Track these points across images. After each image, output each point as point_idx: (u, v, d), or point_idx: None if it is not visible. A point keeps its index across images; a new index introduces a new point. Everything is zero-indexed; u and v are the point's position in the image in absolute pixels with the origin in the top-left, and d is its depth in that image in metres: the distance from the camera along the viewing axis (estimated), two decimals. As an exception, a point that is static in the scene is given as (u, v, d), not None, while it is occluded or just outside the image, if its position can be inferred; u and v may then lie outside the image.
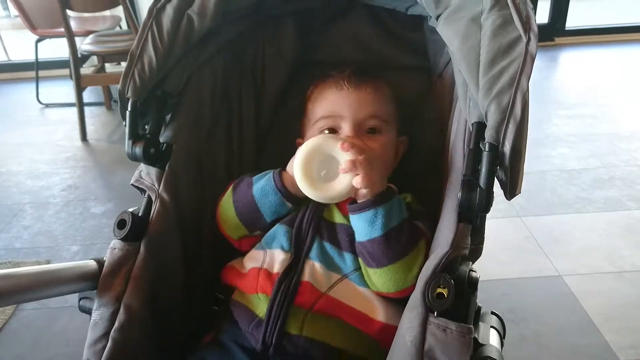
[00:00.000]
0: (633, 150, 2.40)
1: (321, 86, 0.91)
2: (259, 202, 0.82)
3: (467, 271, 0.64)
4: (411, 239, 0.74)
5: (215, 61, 0.93)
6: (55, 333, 1.56)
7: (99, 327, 0.73)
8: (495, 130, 0.62)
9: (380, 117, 0.87)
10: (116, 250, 0.76)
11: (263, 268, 0.79)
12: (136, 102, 0.79)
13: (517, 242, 1.84)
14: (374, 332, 0.76)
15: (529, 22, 0.64)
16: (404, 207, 0.77)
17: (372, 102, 0.87)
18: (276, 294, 0.75)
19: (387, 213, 0.73)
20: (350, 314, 0.76)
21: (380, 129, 0.87)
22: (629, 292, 1.60)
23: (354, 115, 0.85)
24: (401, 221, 0.74)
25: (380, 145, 0.85)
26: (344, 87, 0.87)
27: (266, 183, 0.82)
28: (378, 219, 0.73)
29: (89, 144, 2.84)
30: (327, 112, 0.87)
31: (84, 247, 1.96)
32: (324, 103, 0.89)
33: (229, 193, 0.86)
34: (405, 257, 0.73)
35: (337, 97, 0.87)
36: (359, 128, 0.85)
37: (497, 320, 0.73)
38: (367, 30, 1.01)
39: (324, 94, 0.90)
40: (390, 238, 0.73)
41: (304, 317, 0.74)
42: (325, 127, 0.87)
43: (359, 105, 0.86)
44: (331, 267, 0.78)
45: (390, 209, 0.74)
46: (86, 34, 3.00)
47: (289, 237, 0.80)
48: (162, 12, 0.82)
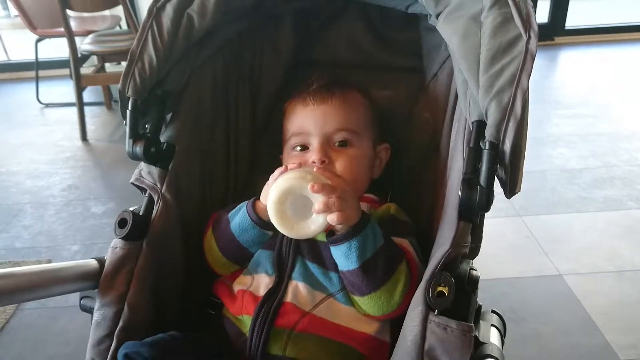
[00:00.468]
0: (633, 149, 2.40)
1: (292, 102, 0.91)
2: (240, 238, 0.81)
3: (468, 270, 0.64)
4: (389, 265, 0.73)
5: (215, 61, 0.93)
6: (56, 333, 1.56)
7: (102, 327, 0.73)
8: (495, 128, 0.62)
9: (349, 130, 0.86)
10: (118, 249, 0.76)
11: (248, 290, 0.79)
12: (137, 102, 0.80)
13: (518, 242, 1.84)
14: (362, 347, 0.75)
15: (529, 20, 0.64)
16: (379, 234, 0.74)
17: (338, 115, 0.86)
18: (257, 315, 0.74)
19: (361, 245, 0.71)
20: (336, 330, 0.75)
21: (351, 141, 0.86)
22: (629, 291, 1.60)
23: (320, 130, 0.85)
24: (376, 251, 0.72)
25: (351, 158, 0.85)
26: (309, 102, 0.87)
27: (242, 219, 0.80)
28: (352, 252, 0.72)
29: (89, 144, 2.84)
30: (296, 129, 0.88)
31: (84, 246, 1.96)
32: (293, 120, 0.89)
33: (210, 234, 0.84)
34: (385, 285, 0.72)
35: (304, 113, 0.87)
36: (327, 143, 0.85)
37: (497, 318, 0.73)
38: (361, 31, 1.00)
39: (293, 110, 0.90)
40: (367, 268, 0.72)
41: (287, 337, 0.74)
42: (296, 144, 0.87)
43: (324, 120, 0.85)
44: (316, 287, 0.77)
45: (364, 240, 0.72)
46: (86, 34, 3.00)
47: (271, 260, 0.80)
48: (162, 11, 0.82)
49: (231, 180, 0.98)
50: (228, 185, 0.97)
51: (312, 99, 0.87)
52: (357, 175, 0.86)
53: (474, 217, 0.66)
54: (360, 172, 0.87)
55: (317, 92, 0.88)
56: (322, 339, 0.74)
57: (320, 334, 0.74)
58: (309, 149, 0.86)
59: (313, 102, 0.87)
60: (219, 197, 0.95)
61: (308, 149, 0.86)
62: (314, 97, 0.87)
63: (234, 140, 0.98)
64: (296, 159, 0.85)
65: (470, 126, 0.68)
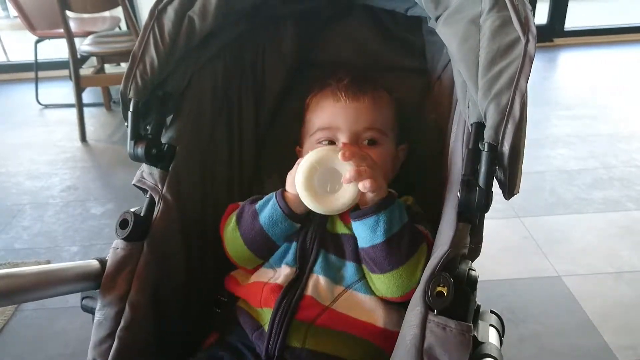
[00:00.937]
0: (632, 150, 2.40)
1: (319, 96, 0.90)
2: (269, 231, 0.81)
3: (467, 270, 0.64)
4: (413, 243, 0.74)
5: (216, 62, 0.93)
6: (55, 334, 1.56)
7: (103, 327, 0.73)
8: (494, 130, 0.63)
9: (378, 129, 0.87)
10: (119, 250, 0.76)
11: (269, 283, 0.80)
12: (138, 103, 0.80)
13: (516, 243, 1.84)
14: (379, 341, 0.76)
15: (528, 23, 0.65)
16: (405, 211, 0.77)
17: (369, 114, 0.86)
18: (278, 307, 0.75)
19: (388, 219, 0.73)
20: (354, 325, 0.75)
21: (379, 140, 0.86)
22: (628, 292, 1.60)
23: (350, 127, 0.85)
24: (402, 226, 0.74)
25: (378, 156, 0.84)
26: (341, 98, 0.86)
27: (273, 211, 0.80)
28: (380, 225, 0.73)
29: (89, 145, 2.84)
30: (325, 124, 0.87)
31: (84, 247, 1.96)
32: (321, 114, 0.88)
33: (234, 226, 0.83)
34: (408, 262, 0.73)
35: (334, 109, 0.87)
36: (356, 140, 0.85)
37: (496, 318, 0.73)
38: (366, 32, 1.01)
39: (321, 105, 0.89)
40: (392, 243, 0.73)
41: (307, 330, 0.74)
42: (322, 139, 0.87)
43: (356, 117, 0.85)
44: (335, 280, 0.78)
45: (392, 214, 0.74)
46: (85, 35, 3.00)
47: (294, 252, 0.81)
48: (164, 13, 0.82)
49: (234, 181, 0.98)
50: (231, 186, 0.97)
51: (344, 95, 0.86)
52: (385, 173, 0.85)
53: (473, 218, 0.66)
54: (386, 171, 0.87)
55: (350, 88, 0.87)
56: (341, 333, 0.75)
57: (339, 328, 0.75)
58: (336, 144, 0.86)
59: (345, 98, 0.86)
60: (221, 198, 0.95)
61: (335, 144, 0.86)
62: (346, 93, 0.86)
63: (237, 142, 0.98)
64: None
65: (469, 128, 0.68)
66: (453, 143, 0.80)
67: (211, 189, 0.93)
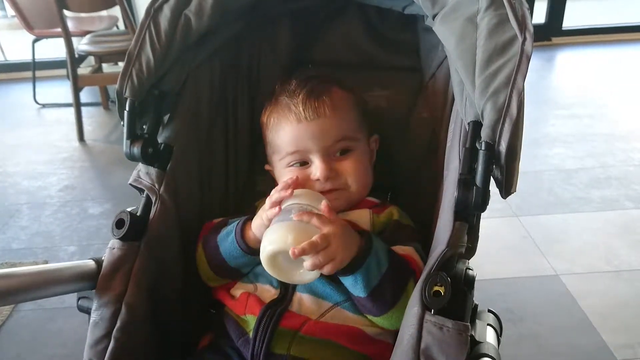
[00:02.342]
0: (630, 150, 2.41)
1: (275, 114, 0.86)
2: (231, 263, 0.80)
3: (464, 269, 0.64)
4: (397, 288, 0.72)
5: (212, 61, 0.93)
6: (52, 334, 1.56)
7: (99, 327, 0.73)
8: (491, 129, 0.62)
9: (348, 137, 0.84)
10: (115, 249, 0.76)
11: (253, 294, 0.79)
12: (134, 102, 0.80)
13: (514, 242, 1.84)
14: (366, 349, 0.75)
15: (525, 21, 0.65)
16: (383, 256, 0.72)
17: (335, 126, 0.83)
18: (262, 316, 0.75)
19: (364, 276, 0.71)
20: (341, 333, 0.75)
21: (351, 147, 0.85)
22: (626, 291, 1.60)
23: (319, 146, 0.82)
24: (381, 277, 0.71)
25: (355, 164, 0.84)
26: (301, 117, 0.82)
27: (232, 248, 0.79)
28: (358, 283, 0.71)
29: (86, 145, 2.84)
30: (292, 148, 0.83)
31: (81, 247, 1.96)
32: (285, 137, 0.84)
33: (201, 253, 0.83)
34: (396, 306, 0.72)
35: (298, 131, 0.82)
36: (328, 155, 0.83)
37: (494, 318, 0.73)
38: (359, 31, 1.00)
39: (282, 126, 0.84)
40: (376, 295, 0.71)
41: (291, 338, 0.74)
42: (293, 162, 0.84)
43: (322, 134, 0.82)
44: (322, 296, 0.77)
45: (367, 271, 0.71)
46: (83, 34, 3.00)
47: None
48: (160, 12, 0.82)
49: (230, 180, 0.98)
50: (227, 185, 0.97)
51: (303, 113, 0.82)
52: (365, 177, 0.86)
53: (470, 217, 0.66)
54: (366, 173, 0.87)
55: (308, 104, 0.82)
56: (327, 341, 0.74)
57: (325, 337, 0.74)
58: (309, 163, 0.84)
59: (305, 117, 0.82)
60: (218, 198, 0.95)
61: (307, 163, 0.84)
62: (305, 111, 0.82)
63: (233, 141, 0.98)
64: (295, 174, 0.83)
65: (467, 127, 0.68)
66: (450, 142, 0.79)
67: (208, 188, 0.93)
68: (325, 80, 0.88)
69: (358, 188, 0.84)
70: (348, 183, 0.84)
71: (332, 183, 0.83)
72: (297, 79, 0.88)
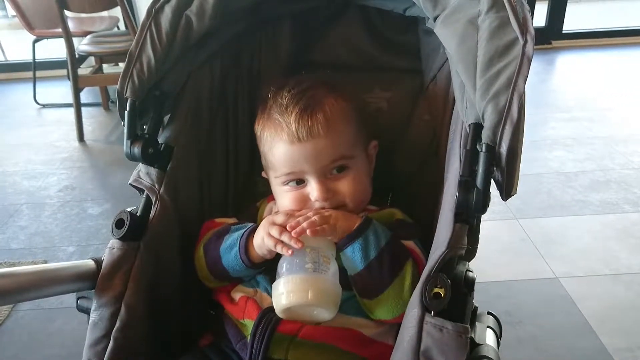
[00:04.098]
0: (629, 153, 2.41)
1: (269, 130, 0.83)
2: (233, 274, 0.80)
3: (464, 271, 0.64)
4: (394, 264, 0.73)
5: (213, 62, 0.93)
6: (51, 334, 1.55)
7: (99, 327, 0.73)
8: (492, 131, 0.62)
9: (344, 156, 0.82)
10: (115, 249, 0.76)
11: (252, 298, 0.79)
12: (135, 102, 0.80)
13: (514, 244, 1.84)
14: (364, 351, 0.75)
15: (526, 24, 0.65)
16: (382, 233, 0.74)
17: (330, 146, 0.80)
18: (260, 321, 0.74)
19: (363, 246, 0.72)
20: (339, 337, 0.75)
21: (347, 164, 0.83)
22: (625, 294, 1.60)
23: (315, 167, 0.80)
24: (380, 250, 0.72)
25: (352, 181, 0.82)
26: (295, 139, 0.79)
27: (234, 262, 0.78)
28: (356, 254, 0.72)
29: (86, 145, 2.84)
30: (287, 168, 0.81)
31: (81, 247, 1.96)
32: (279, 157, 0.82)
33: (201, 257, 0.82)
34: (392, 284, 0.72)
35: (292, 152, 0.80)
36: (324, 175, 0.82)
37: (493, 320, 0.73)
38: (360, 32, 1.00)
39: (275, 145, 0.82)
40: (372, 269, 0.72)
41: (289, 343, 0.74)
42: (288, 181, 0.83)
43: (317, 156, 0.80)
44: None
45: (366, 240, 0.72)
46: (84, 35, 3.00)
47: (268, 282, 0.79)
48: (161, 12, 0.82)
49: (230, 181, 0.98)
50: (227, 186, 0.97)
51: (296, 134, 0.79)
52: (363, 192, 0.85)
53: (471, 219, 0.66)
54: (364, 187, 0.86)
55: (301, 124, 0.79)
56: (325, 345, 0.74)
57: (323, 341, 0.74)
58: (305, 183, 0.83)
59: (299, 138, 0.79)
60: (218, 198, 0.95)
61: (304, 182, 0.83)
62: (299, 131, 0.79)
63: (233, 142, 0.98)
64: (293, 194, 0.83)
65: (467, 129, 0.68)
66: (450, 143, 0.79)
67: (208, 188, 0.93)
68: (319, 93, 0.83)
69: (356, 204, 0.84)
70: (346, 202, 0.83)
71: (330, 203, 0.82)
72: (290, 90, 0.83)
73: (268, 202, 0.91)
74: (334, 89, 0.87)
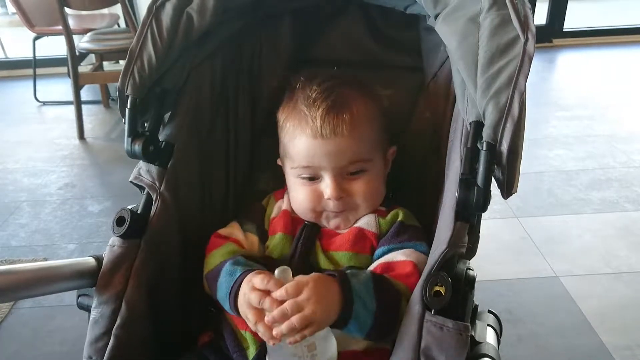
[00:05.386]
0: (630, 151, 2.41)
1: (292, 120, 0.83)
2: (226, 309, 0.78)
3: (464, 269, 0.64)
4: (392, 317, 0.70)
5: (214, 59, 0.93)
6: (51, 332, 1.55)
7: (99, 324, 0.73)
8: (492, 129, 0.62)
9: (363, 159, 0.82)
10: (115, 247, 0.76)
11: None
12: (135, 100, 0.80)
13: (514, 243, 1.84)
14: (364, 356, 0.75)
15: (527, 22, 0.65)
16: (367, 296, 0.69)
17: (351, 148, 0.80)
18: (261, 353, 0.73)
19: (357, 324, 0.69)
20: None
21: (365, 168, 0.82)
22: (625, 293, 1.60)
23: (333, 166, 0.80)
24: (374, 317, 0.69)
25: (367, 184, 0.82)
26: (317, 134, 0.79)
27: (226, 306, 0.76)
28: (353, 331, 0.70)
29: (87, 142, 2.84)
30: (304, 162, 0.81)
31: (81, 245, 1.96)
32: (299, 149, 0.82)
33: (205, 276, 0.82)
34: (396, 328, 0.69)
35: (313, 147, 0.80)
36: (340, 174, 0.82)
37: (494, 318, 0.73)
38: (361, 30, 1.00)
39: (297, 136, 0.82)
40: (374, 333, 0.70)
41: None
42: (304, 175, 0.83)
43: (337, 154, 0.80)
44: None
45: (357, 318, 0.68)
46: (84, 32, 3.00)
47: None
48: (162, 9, 0.82)
49: (231, 179, 0.98)
50: (228, 183, 0.97)
51: (320, 130, 0.79)
52: (376, 195, 0.85)
53: (471, 217, 0.66)
54: (378, 191, 0.85)
55: (327, 121, 0.79)
56: None
57: None
58: (319, 179, 0.82)
59: (322, 134, 0.79)
60: (219, 196, 0.95)
61: (318, 178, 0.83)
62: (323, 128, 0.78)
63: (234, 139, 0.98)
64: (306, 189, 0.83)
65: (468, 127, 0.68)
66: (451, 141, 0.79)
67: (209, 186, 0.93)
68: (349, 91, 0.83)
69: (368, 207, 0.84)
70: (358, 203, 0.83)
71: (342, 202, 0.82)
72: (320, 85, 0.82)
73: (276, 201, 0.91)
74: (365, 90, 0.87)
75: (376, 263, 0.79)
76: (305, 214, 0.85)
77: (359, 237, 0.82)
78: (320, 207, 0.83)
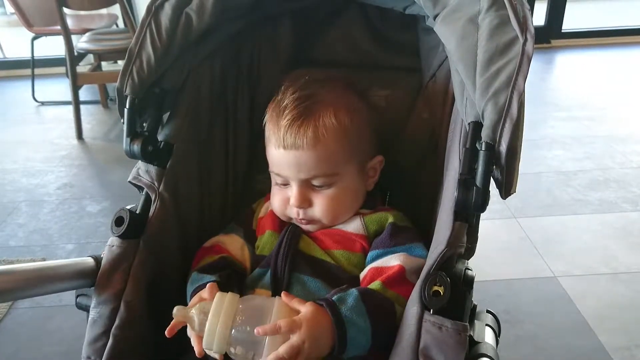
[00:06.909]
0: (628, 152, 2.41)
1: (268, 126, 0.84)
2: None
3: (463, 269, 0.64)
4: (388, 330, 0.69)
5: (213, 60, 0.93)
6: (50, 332, 1.55)
7: (98, 324, 0.73)
8: (491, 129, 0.62)
9: (325, 175, 0.80)
10: (114, 247, 0.76)
11: None
12: (134, 100, 0.80)
13: (513, 243, 1.85)
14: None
15: (526, 22, 0.65)
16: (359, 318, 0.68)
17: (311, 162, 0.79)
18: None
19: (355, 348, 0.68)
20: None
21: (328, 183, 0.81)
22: (623, 293, 1.61)
23: (296, 177, 0.81)
24: (371, 336, 0.68)
25: (330, 198, 0.81)
26: (281, 144, 0.79)
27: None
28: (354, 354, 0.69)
29: (85, 143, 2.83)
30: (276, 170, 0.83)
31: (79, 245, 1.96)
32: (271, 158, 0.83)
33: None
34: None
35: (278, 155, 0.81)
36: (305, 185, 0.82)
37: (492, 318, 0.73)
38: (359, 31, 1.00)
39: (269, 142, 0.83)
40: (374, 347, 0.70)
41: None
42: (278, 180, 0.84)
43: (298, 167, 0.80)
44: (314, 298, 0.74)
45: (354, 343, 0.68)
46: (83, 32, 3.00)
47: (268, 278, 0.79)
48: (161, 10, 0.82)
49: (230, 179, 0.98)
50: (226, 184, 0.97)
51: (282, 141, 0.79)
52: (339, 210, 0.83)
53: (470, 217, 0.66)
54: (343, 205, 0.84)
55: (289, 132, 0.78)
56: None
57: None
58: (289, 185, 0.83)
59: (284, 145, 0.79)
60: (217, 196, 0.95)
61: (288, 184, 0.83)
62: (285, 139, 0.79)
63: (233, 139, 0.98)
64: (280, 192, 0.84)
65: (467, 127, 0.68)
66: (450, 142, 0.79)
67: (207, 186, 0.93)
68: (323, 101, 0.81)
69: (331, 220, 0.83)
70: (317, 218, 0.82)
71: (304, 213, 0.82)
72: (295, 92, 0.81)
73: (265, 202, 0.91)
74: (349, 98, 0.85)
75: (367, 268, 0.78)
76: (280, 217, 0.86)
77: (346, 238, 0.82)
78: (288, 213, 0.84)
